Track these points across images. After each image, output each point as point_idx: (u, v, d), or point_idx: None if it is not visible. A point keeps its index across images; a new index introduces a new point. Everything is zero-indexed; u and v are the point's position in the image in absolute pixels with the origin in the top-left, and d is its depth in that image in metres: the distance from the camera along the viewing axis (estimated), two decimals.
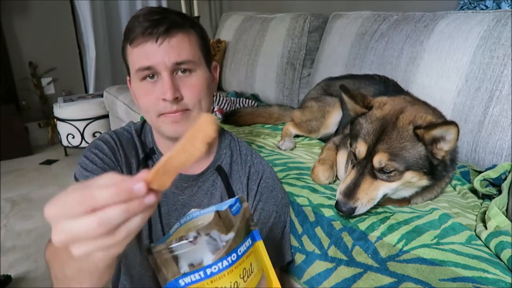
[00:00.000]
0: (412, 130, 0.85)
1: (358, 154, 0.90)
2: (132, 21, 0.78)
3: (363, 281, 0.81)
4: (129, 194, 0.36)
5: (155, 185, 0.39)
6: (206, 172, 0.90)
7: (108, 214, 0.35)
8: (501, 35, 1.18)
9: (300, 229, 0.97)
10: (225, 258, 0.56)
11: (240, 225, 0.60)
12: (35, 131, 3.27)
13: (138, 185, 0.37)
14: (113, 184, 0.36)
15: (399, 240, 0.82)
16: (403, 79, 1.42)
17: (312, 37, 2.05)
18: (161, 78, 0.77)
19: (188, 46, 0.78)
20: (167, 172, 0.40)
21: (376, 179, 0.88)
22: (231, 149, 0.94)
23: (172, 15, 0.78)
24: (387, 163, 0.85)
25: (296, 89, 2.09)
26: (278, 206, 0.94)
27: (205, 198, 0.90)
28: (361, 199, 0.88)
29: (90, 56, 3.26)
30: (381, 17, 1.66)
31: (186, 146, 0.40)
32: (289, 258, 0.97)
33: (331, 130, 1.41)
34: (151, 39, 0.75)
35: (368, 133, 0.89)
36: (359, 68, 1.64)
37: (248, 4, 2.97)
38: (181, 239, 0.54)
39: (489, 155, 1.17)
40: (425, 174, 0.87)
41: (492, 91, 1.17)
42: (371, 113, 0.92)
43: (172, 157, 0.40)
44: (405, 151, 0.85)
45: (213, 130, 0.40)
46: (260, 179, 0.93)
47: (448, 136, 0.83)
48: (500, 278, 0.70)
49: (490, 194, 1.00)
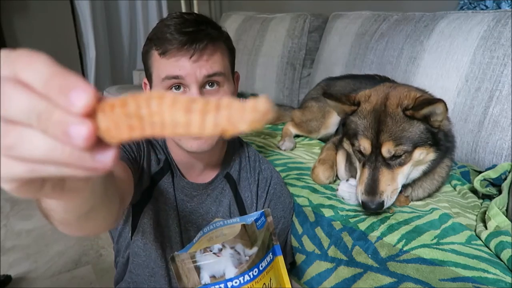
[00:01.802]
0: (402, 112, 0.87)
1: (364, 151, 0.90)
2: (162, 29, 0.74)
3: (363, 281, 0.81)
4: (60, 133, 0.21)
5: (104, 131, 0.22)
6: (215, 180, 0.89)
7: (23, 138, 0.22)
8: (501, 35, 1.18)
9: (300, 229, 0.97)
10: (247, 272, 0.56)
11: (263, 240, 0.60)
12: None
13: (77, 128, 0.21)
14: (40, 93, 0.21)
15: (399, 240, 0.82)
16: (403, 79, 1.42)
17: (312, 37, 2.05)
18: (189, 91, 0.74)
19: (220, 59, 0.77)
20: (133, 122, 0.22)
21: (391, 169, 0.89)
22: (239, 155, 0.94)
23: (207, 28, 0.74)
24: (395, 149, 0.86)
25: (296, 89, 2.09)
26: (285, 211, 0.94)
27: (213, 205, 0.90)
28: (386, 192, 0.88)
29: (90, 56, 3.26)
30: (381, 17, 1.66)
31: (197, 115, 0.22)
32: (290, 259, 0.98)
33: (331, 130, 1.41)
34: (187, 55, 0.72)
35: (366, 128, 0.90)
36: (359, 68, 1.64)
37: (248, 4, 2.97)
38: (206, 250, 0.53)
39: (489, 155, 1.17)
40: (431, 146, 0.89)
41: (492, 91, 1.17)
42: (360, 108, 0.93)
43: (162, 106, 0.22)
44: (406, 132, 0.87)
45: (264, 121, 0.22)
46: (269, 186, 0.93)
47: (437, 110, 0.85)
48: (500, 278, 0.70)
49: (490, 194, 1.00)
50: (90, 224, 0.46)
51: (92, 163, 0.22)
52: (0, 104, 0.21)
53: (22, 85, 0.21)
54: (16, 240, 1.96)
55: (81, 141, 0.21)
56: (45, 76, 0.21)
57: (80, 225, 0.44)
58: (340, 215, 0.93)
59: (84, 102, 0.21)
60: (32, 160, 0.22)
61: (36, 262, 1.78)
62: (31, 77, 0.21)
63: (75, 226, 0.45)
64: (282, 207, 0.93)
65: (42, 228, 2.04)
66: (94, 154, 0.22)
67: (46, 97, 0.21)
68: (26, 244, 1.92)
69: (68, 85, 0.21)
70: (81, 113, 0.21)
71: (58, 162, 0.22)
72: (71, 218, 0.40)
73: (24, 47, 0.37)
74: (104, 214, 0.48)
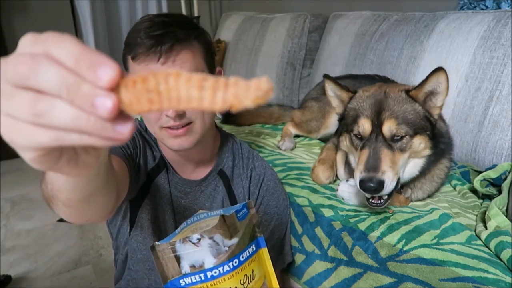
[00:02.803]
0: (405, 93, 0.87)
1: (362, 132, 0.88)
2: (133, 35, 0.75)
3: (363, 281, 0.81)
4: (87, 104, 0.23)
5: (126, 104, 0.25)
6: (209, 177, 0.90)
7: (53, 107, 0.24)
8: (501, 35, 1.18)
9: (300, 229, 0.97)
10: (226, 263, 0.56)
11: (245, 231, 0.60)
12: None
13: (103, 100, 0.23)
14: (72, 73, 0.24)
15: (399, 240, 0.82)
16: (403, 79, 1.41)
17: (312, 37, 2.05)
18: None
19: (192, 61, 0.76)
20: (153, 96, 0.24)
21: (393, 151, 0.84)
22: (233, 152, 0.94)
23: (175, 29, 0.74)
24: (397, 128, 0.85)
25: (296, 89, 2.09)
26: (279, 208, 0.94)
27: (207, 202, 0.91)
28: (387, 172, 0.81)
29: None
30: (381, 17, 1.66)
31: (208, 91, 0.24)
32: (289, 259, 0.98)
33: (331, 130, 1.41)
34: (154, 58, 0.73)
35: (366, 109, 0.89)
36: (359, 68, 1.64)
37: (248, 4, 2.97)
38: (185, 240, 0.54)
39: (489, 155, 1.17)
40: (429, 139, 0.88)
41: (492, 91, 1.17)
42: (358, 95, 0.93)
43: (178, 83, 0.24)
44: (407, 113, 0.86)
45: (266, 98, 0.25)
46: (261, 182, 0.93)
47: (439, 87, 0.85)
48: (500, 278, 0.70)
49: (490, 194, 1.00)
50: (90, 208, 0.50)
51: (112, 133, 0.24)
52: (33, 76, 0.23)
53: (54, 60, 0.23)
54: (16, 240, 1.96)
55: (106, 112, 0.23)
56: (75, 53, 0.24)
57: (82, 207, 0.47)
58: (340, 215, 0.93)
59: (110, 77, 0.24)
60: (59, 128, 0.24)
61: (36, 262, 1.78)
62: (61, 54, 0.24)
63: (77, 209, 0.48)
64: (275, 204, 0.93)
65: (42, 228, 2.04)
66: (115, 125, 0.24)
67: (75, 72, 0.23)
68: (26, 244, 1.92)
69: (96, 61, 0.24)
70: (106, 87, 0.24)
71: (82, 131, 0.24)
72: (75, 198, 0.44)
73: None
74: (103, 200, 0.52)
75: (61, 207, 0.48)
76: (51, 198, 0.48)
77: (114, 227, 0.93)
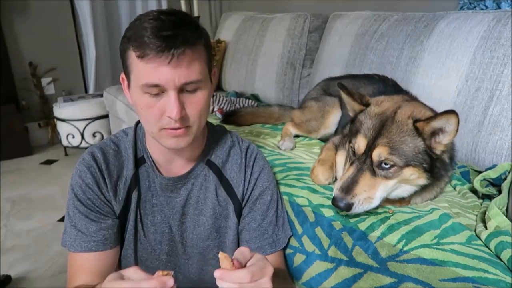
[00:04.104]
0: (412, 123, 0.85)
1: (357, 149, 0.89)
2: (139, 31, 0.72)
3: (363, 281, 0.81)
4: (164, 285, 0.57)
5: None
6: (196, 168, 0.91)
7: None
8: (501, 35, 1.18)
9: (300, 230, 0.97)
10: None
11: None
12: (35, 131, 3.27)
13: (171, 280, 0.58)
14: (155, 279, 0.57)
15: (399, 240, 0.82)
16: (403, 79, 1.42)
17: (312, 37, 2.05)
18: (167, 96, 0.75)
19: (198, 65, 0.76)
20: None
21: (375, 176, 0.87)
22: (219, 141, 0.96)
23: (185, 30, 0.73)
24: (386, 157, 0.84)
25: (296, 89, 2.09)
26: (270, 183, 0.96)
27: (201, 193, 0.92)
28: (358, 195, 0.86)
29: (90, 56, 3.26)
30: (381, 17, 1.66)
31: None
32: (289, 233, 0.98)
33: (330, 130, 1.41)
34: (165, 61, 0.71)
35: (368, 128, 0.88)
36: (359, 68, 1.64)
37: (248, 4, 2.97)
38: None
39: (489, 155, 1.17)
40: (424, 171, 0.87)
41: (492, 91, 1.17)
42: (369, 109, 0.92)
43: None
44: (405, 145, 0.85)
45: None
46: (253, 161, 0.96)
47: (448, 127, 0.83)
48: (500, 278, 0.70)
49: (490, 194, 1.00)
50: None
51: None
52: None
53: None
54: (16, 240, 1.96)
55: None
56: None
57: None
58: (340, 215, 0.93)
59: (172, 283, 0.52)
60: None
61: (36, 262, 1.78)
62: None
63: None
64: (266, 178, 0.95)
65: (42, 228, 2.05)
66: None
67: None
68: (26, 244, 1.92)
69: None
70: None
71: None
72: None
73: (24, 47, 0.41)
74: None
75: None
76: None
77: None
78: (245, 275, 0.59)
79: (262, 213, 0.93)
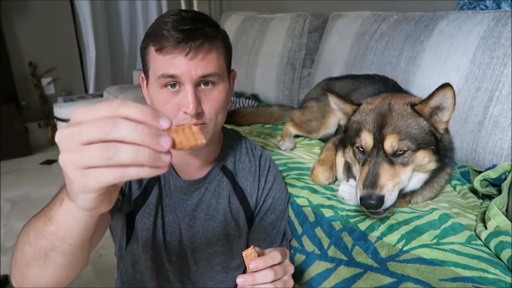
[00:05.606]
0: (410, 107, 0.86)
1: (365, 146, 0.87)
2: (160, 26, 0.73)
3: (363, 281, 0.81)
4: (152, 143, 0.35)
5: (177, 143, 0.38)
6: (211, 173, 0.90)
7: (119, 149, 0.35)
8: (501, 35, 1.18)
9: (300, 230, 0.97)
10: None
11: None
12: (35, 131, 3.27)
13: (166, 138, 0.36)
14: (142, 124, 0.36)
15: (399, 240, 0.82)
16: (403, 79, 1.42)
17: (312, 37, 2.05)
18: (184, 90, 0.75)
19: (216, 59, 0.76)
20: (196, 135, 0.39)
21: (393, 165, 0.84)
22: (236, 147, 0.95)
23: (204, 26, 0.74)
24: (399, 144, 0.84)
25: (296, 89, 2.09)
26: (282, 193, 0.97)
27: (213, 199, 0.91)
28: (386, 185, 0.81)
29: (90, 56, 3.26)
30: (381, 17, 1.66)
31: None
32: (289, 236, 0.99)
33: (331, 130, 1.41)
34: (183, 52, 0.72)
35: (369, 123, 0.88)
36: (359, 68, 1.64)
37: (248, 4, 2.97)
38: None
39: (489, 155, 1.17)
40: (433, 153, 0.87)
41: (492, 91, 1.17)
42: (362, 107, 0.92)
43: None
44: (411, 128, 0.85)
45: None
46: (268, 170, 0.95)
47: (445, 102, 0.83)
48: (500, 278, 0.70)
49: (490, 194, 1.00)
50: (82, 256, 0.58)
51: (160, 162, 0.36)
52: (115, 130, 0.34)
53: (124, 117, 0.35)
54: None
55: (167, 145, 0.36)
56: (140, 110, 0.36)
57: (78, 253, 0.54)
58: (340, 215, 0.93)
59: (168, 124, 0.37)
60: (124, 164, 0.35)
61: None
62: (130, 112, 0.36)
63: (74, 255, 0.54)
64: (278, 188, 0.96)
65: None
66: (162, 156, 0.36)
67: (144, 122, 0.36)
68: None
69: (156, 114, 0.37)
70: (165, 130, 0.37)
71: (140, 163, 0.35)
72: (77, 242, 0.51)
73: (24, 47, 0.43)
74: (88, 252, 0.61)
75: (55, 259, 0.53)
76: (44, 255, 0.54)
77: (116, 236, 0.94)
78: (268, 273, 0.62)
79: (272, 222, 0.93)
